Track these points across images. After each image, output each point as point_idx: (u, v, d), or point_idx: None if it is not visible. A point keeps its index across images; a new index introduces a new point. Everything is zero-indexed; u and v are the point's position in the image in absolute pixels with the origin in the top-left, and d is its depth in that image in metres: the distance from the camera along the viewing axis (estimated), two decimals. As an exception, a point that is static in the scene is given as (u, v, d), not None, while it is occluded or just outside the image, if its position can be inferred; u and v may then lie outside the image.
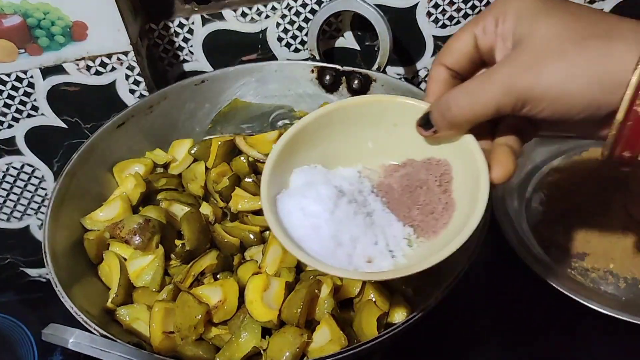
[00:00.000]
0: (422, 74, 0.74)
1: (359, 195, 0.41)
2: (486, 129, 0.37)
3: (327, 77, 0.65)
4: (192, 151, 0.62)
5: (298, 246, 0.37)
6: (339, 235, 0.38)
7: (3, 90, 0.63)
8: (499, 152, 0.35)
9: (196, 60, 0.69)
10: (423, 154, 0.41)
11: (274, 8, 0.66)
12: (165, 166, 0.63)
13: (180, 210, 0.57)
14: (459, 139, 0.37)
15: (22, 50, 0.60)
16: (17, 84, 0.63)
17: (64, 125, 0.67)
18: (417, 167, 0.41)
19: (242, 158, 0.60)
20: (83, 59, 0.61)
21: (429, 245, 0.39)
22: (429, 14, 0.68)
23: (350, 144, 0.42)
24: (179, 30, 0.67)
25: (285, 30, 0.68)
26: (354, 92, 0.65)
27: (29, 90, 0.63)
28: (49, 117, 0.66)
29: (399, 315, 0.49)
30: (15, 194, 0.73)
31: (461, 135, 0.37)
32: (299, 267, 0.52)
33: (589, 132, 0.34)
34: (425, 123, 0.37)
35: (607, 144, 0.32)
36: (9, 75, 0.62)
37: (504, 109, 0.33)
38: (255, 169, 0.60)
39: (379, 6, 0.62)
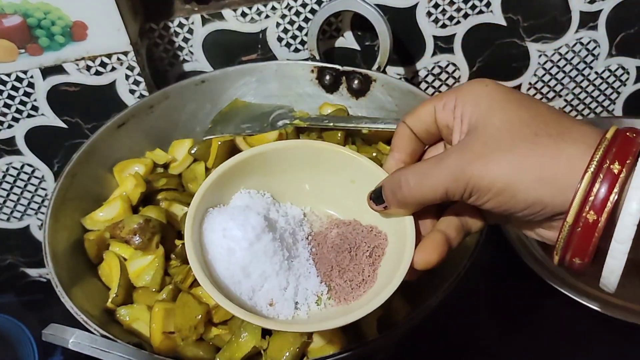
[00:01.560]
0: (422, 74, 0.74)
1: (289, 236, 0.40)
2: (434, 210, 0.37)
3: (327, 77, 0.65)
4: (192, 151, 0.62)
5: (205, 267, 0.36)
6: (249, 267, 0.37)
7: (3, 90, 0.63)
8: (430, 239, 0.35)
9: (196, 60, 0.69)
10: (369, 220, 0.40)
11: (274, 8, 0.66)
12: (166, 166, 0.63)
13: (180, 210, 0.57)
14: (402, 217, 0.37)
15: (22, 50, 0.60)
16: (17, 84, 0.63)
17: (64, 126, 0.67)
18: (358, 230, 0.40)
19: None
20: (83, 59, 0.61)
21: (336, 311, 0.38)
22: (429, 14, 0.68)
23: (306, 185, 0.42)
24: (179, 30, 0.67)
25: (285, 30, 0.68)
26: (354, 92, 0.65)
27: (29, 90, 0.63)
28: (49, 117, 0.66)
29: (399, 315, 0.49)
30: (15, 194, 0.73)
31: (408, 214, 0.37)
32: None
33: (538, 232, 0.34)
34: (376, 197, 0.37)
35: (558, 249, 0.31)
36: (9, 75, 0.62)
37: (453, 195, 0.33)
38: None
39: (379, 6, 0.62)
